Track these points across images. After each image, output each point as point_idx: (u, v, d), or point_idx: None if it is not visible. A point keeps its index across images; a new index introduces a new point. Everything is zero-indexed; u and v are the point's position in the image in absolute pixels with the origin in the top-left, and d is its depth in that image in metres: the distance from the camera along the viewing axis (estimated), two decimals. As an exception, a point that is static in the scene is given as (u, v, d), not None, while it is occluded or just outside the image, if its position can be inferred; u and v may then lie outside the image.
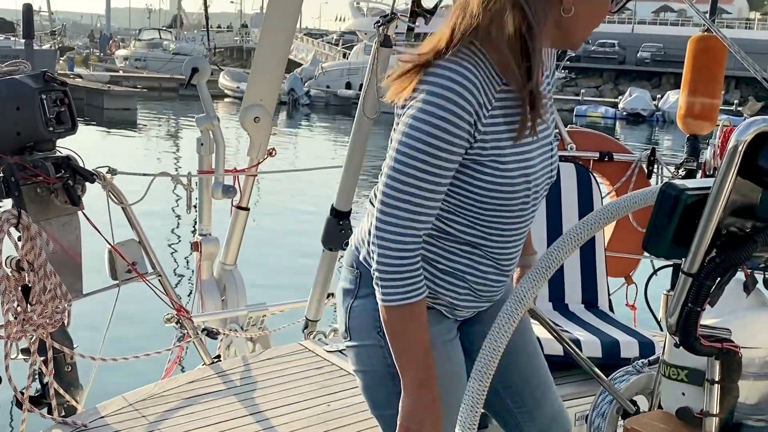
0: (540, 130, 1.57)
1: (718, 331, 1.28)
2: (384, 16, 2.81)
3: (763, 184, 1.18)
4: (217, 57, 52.24)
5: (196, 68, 3.53)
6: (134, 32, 58.14)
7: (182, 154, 19.60)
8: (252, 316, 3.54)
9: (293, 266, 7.85)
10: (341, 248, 3.10)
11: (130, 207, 2.78)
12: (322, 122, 31.88)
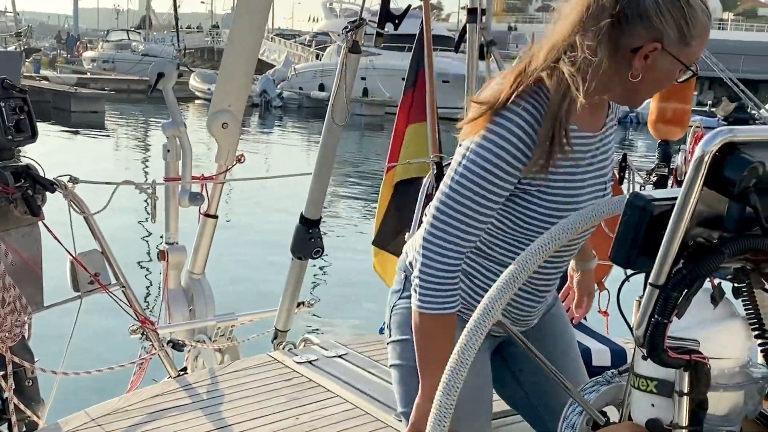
0: (594, 168, 1.74)
1: (686, 343, 1.28)
2: (352, 21, 2.81)
3: (729, 194, 1.19)
4: (187, 58, 51.91)
5: (161, 73, 3.50)
6: (102, 33, 57.66)
7: (151, 158, 19.44)
8: (220, 326, 3.51)
9: (263, 275, 7.77)
10: (311, 257, 3.09)
11: (92, 216, 2.74)
12: (295, 124, 31.82)
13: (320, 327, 5.69)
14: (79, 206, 2.71)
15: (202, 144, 20.11)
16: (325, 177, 3.02)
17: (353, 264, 7.63)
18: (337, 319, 5.94)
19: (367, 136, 29.62)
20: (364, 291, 6.82)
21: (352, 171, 18.04)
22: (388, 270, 3.74)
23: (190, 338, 3.52)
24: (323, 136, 2.99)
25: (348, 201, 14.21)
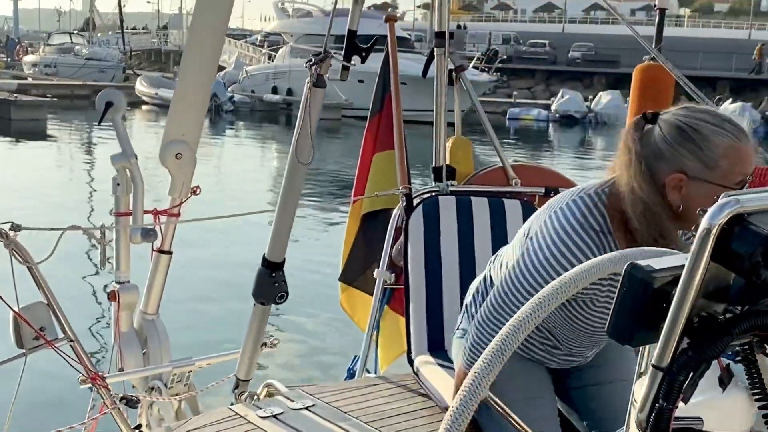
0: None
1: (690, 422, 1.23)
2: (316, 54, 2.69)
3: (738, 269, 1.12)
4: (133, 60, 51.29)
5: (110, 102, 3.35)
6: (44, 36, 56.55)
7: (96, 169, 19.09)
8: (177, 372, 3.37)
9: (221, 314, 7.51)
10: (274, 302, 2.97)
11: (36, 266, 2.59)
12: (247, 129, 31.56)
13: (282, 367, 5.52)
14: (22, 256, 2.56)
15: (151, 161, 19.72)
16: (289, 217, 2.90)
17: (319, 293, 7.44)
18: (301, 359, 5.79)
19: (325, 140, 29.48)
20: (330, 327, 6.61)
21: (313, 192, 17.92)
22: (356, 307, 3.64)
23: (144, 385, 3.37)
24: (287, 175, 2.87)
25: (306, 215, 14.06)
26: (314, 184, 17.32)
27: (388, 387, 2.98)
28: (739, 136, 1.81)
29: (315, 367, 5.55)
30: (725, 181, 1.76)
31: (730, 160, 1.78)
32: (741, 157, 1.80)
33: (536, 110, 37.29)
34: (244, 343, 3.17)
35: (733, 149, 1.79)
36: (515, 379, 2.00)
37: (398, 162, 3.36)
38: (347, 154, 25.35)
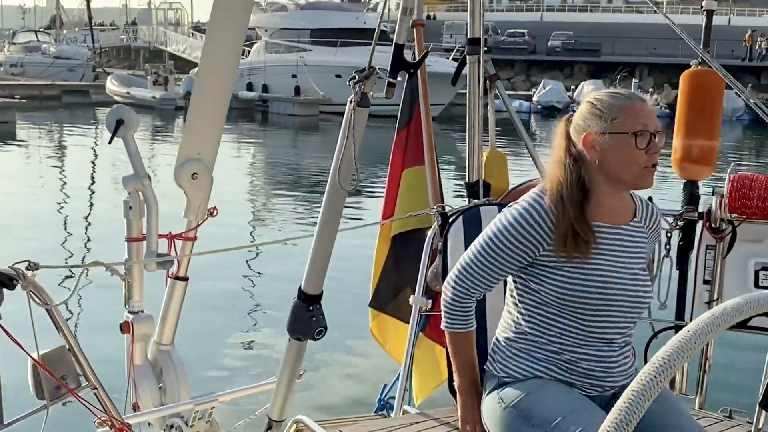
0: (616, 255, 2.31)
1: None
2: (360, 71, 2.52)
3: None
4: (102, 58, 50.69)
5: (121, 120, 3.15)
6: (8, 34, 55.68)
7: (68, 171, 18.74)
8: (198, 409, 3.19)
9: (241, 344, 7.03)
10: (312, 338, 2.80)
11: (56, 308, 2.40)
12: (224, 127, 31.16)
13: (305, 398, 5.28)
14: (41, 297, 2.37)
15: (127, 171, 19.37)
16: (328, 247, 2.72)
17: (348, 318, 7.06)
18: (325, 388, 5.54)
19: (302, 137, 29.27)
20: (354, 354, 6.43)
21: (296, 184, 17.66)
22: (387, 334, 3.47)
23: (163, 422, 3.19)
24: (326, 201, 2.69)
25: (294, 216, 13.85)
26: (296, 184, 17.13)
27: (434, 424, 2.82)
28: (632, 97, 2.29)
29: (340, 397, 5.34)
30: (624, 129, 2.22)
31: (625, 113, 2.24)
32: (635, 110, 2.24)
33: (517, 102, 37.22)
34: (278, 380, 3.00)
35: (627, 105, 2.25)
36: (550, 399, 2.24)
37: (429, 178, 3.19)
38: (325, 151, 25.17)
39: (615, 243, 2.31)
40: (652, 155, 2.24)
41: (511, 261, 2.30)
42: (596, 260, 2.26)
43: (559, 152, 2.34)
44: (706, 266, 3.13)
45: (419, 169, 3.34)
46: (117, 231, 2.97)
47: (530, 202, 2.31)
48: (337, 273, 3.58)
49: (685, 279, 3.23)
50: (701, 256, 3.15)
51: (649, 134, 2.23)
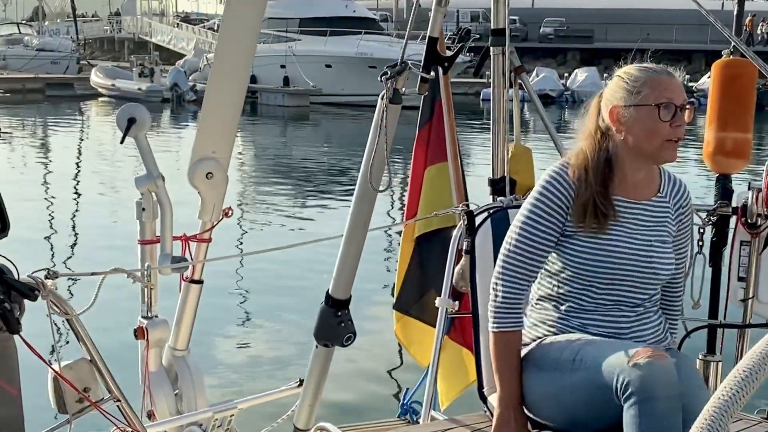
0: (632, 229, 2.38)
1: None
2: (392, 65, 2.44)
3: None
4: (86, 50, 50.34)
5: (132, 118, 3.08)
6: (-12, 26, 55.19)
7: (54, 166, 18.57)
8: (218, 417, 3.12)
9: (258, 349, 6.79)
10: (341, 344, 2.73)
11: (77, 317, 2.33)
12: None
13: (328, 403, 5.16)
14: (62, 307, 2.29)
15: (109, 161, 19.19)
16: (357, 250, 2.65)
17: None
18: (344, 391, 5.45)
19: (291, 128, 29.13)
20: (375, 356, 6.28)
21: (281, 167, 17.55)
22: (412, 337, 3.41)
23: (180, 430, 3.13)
24: (355, 201, 2.62)
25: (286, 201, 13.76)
26: (287, 178, 17.05)
27: (465, 431, 2.76)
28: (659, 71, 2.33)
29: (359, 401, 5.26)
30: (649, 101, 2.27)
31: (650, 85, 2.29)
32: (661, 83, 2.29)
33: (510, 90, 37.11)
34: (304, 388, 2.93)
35: (652, 78, 2.30)
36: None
37: (453, 176, 3.13)
38: (317, 143, 25.04)
39: (633, 217, 2.40)
40: (676, 128, 2.29)
41: (547, 236, 2.37)
42: (612, 233, 2.35)
43: (589, 126, 2.42)
44: (740, 263, 3.08)
45: (442, 165, 3.27)
46: (105, 230, 2.95)
47: (552, 174, 2.39)
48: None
49: (719, 276, 3.17)
50: (735, 253, 3.10)
51: (674, 107, 2.28)
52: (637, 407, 2.11)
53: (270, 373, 5.25)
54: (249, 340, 6.77)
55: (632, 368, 2.13)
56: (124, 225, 11.57)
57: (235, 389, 3.33)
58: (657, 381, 2.11)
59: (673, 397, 2.13)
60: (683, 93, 2.31)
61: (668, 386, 2.12)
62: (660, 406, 2.11)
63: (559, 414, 2.37)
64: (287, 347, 6.03)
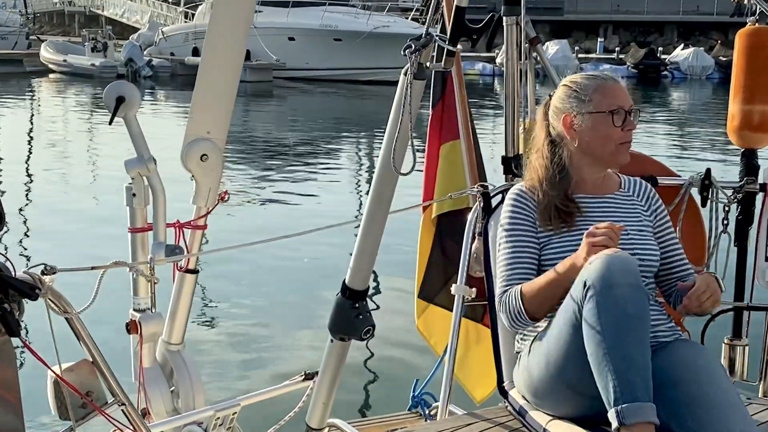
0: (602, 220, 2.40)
1: None
2: (416, 38, 2.33)
3: None
4: (35, 25, 49.41)
5: (121, 96, 2.93)
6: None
7: (1, 146, 18.15)
8: (219, 416, 3.01)
9: (258, 342, 6.43)
10: (359, 338, 2.63)
11: (77, 316, 2.20)
12: (170, 97, 30.60)
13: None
14: (61, 305, 2.16)
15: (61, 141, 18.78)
16: (376, 238, 2.55)
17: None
18: (353, 386, 5.30)
19: (254, 105, 28.81)
20: (381, 347, 6.06)
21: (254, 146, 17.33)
22: (434, 328, 3.30)
23: (178, 430, 3.02)
24: (375, 185, 2.52)
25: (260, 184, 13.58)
26: (251, 157, 16.85)
27: (487, 426, 2.67)
28: (605, 78, 2.53)
29: (366, 395, 5.16)
30: (602, 108, 2.45)
31: (601, 92, 2.47)
32: (610, 90, 2.48)
33: (480, 64, 37.12)
34: (318, 384, 2.83)
35: (601, 86, 2.49)
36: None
37: (466, 154, 3.03)
38: (282, 120, 24.80)
39: (601, 211, 2.53)
40: (627, 132, 2.48)
41: (528, 244, 2.50)
42: (585, 229, 2.38)
43: (539, 135, 2.60)
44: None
45: (456, 143, 3.18)
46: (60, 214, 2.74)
47: (512, 197, 2.57)
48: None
49: (745, 256, 3.12)
50: (763, 231, 3.05)
51: (624, 112, 2.47)
52: (595, 299, 2.13)
53: (273, 368, 5.12)
54: (248, 333, 6.49)
55: (589, 267, 2.19)
56: (80, 207, 11.38)
57: (235, 385, 3.22)
58: (613, 268, 2.14)
59: (634, 285, 2.15)
60: (629, 97, 2.51)
61: (626, 273, 2.15)
62: (619, 293, 2.13)
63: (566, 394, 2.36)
64: (289, 339, 5.89)
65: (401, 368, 5.21)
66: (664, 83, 36.47)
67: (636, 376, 2.09)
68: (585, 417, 2.34)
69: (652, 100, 30.06)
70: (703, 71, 36.22)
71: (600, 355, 2.11)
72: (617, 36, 46.48)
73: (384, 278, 7.15)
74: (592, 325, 2.13)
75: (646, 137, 17.57)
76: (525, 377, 2.49)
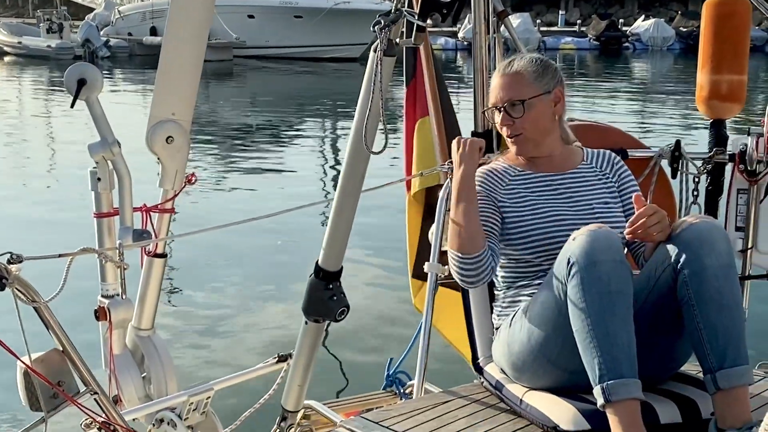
0: (567, 197, 2.53)
1: None
2: (385, 14, 2.30)
3: None
4: (-13, 6, 48.47)
5: (83, 79, 2.88)
6: None
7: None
8: (193, 401, 2.99)
9: (231, 325, 6.33)
10: (334, 319, 2.62)
11: (45, 305, 2.16)
12: (128, 78, 30.21)
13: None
14: (29, 294, 2.12)
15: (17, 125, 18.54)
16: (349, 218, 2.52)
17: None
18: (325, 366, 5.27)
19: (215, 85, 28.54)
20: (352, 326, 6.03)
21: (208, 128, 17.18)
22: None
23: (151, 416, 2.99)
24: (347, 164, 2.49)
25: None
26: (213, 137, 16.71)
27: (463, 402, 2.68)
28: (497, 71, 2.58)
29: (340, 375, 5.14)
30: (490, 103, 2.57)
31: (490, 87, 2.57)
32: (491, 87, 2.56)
33: (443, 39, 37.09)
34: (293, 367, 2.81)
35: (491, 80, 2.58)
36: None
37: (436, 131, 3.01)
38: (243, 99, 24.59)
39: (564, 186, 2.55)
40: (503, 127, 2.53)
41: (485, 213, 2.49)
42: (549, 204, 2.49)
43: None
44: (738, 212, 3.05)
45: (427, 119, 3.17)
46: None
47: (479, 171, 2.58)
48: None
49: (715, 227, 3.13)
50: (732, 202, 3.07)
51: (495, 109, 2.54)
52: (579, 275, 2.13)
53: (246, 351, 5.09)
54: (220, 316, 6.39)
55: (573, 243, 2.18)
56: (43, 193, 11.20)
57: (209, 369, 3.19)
58: (596, 245, 2.14)
59: (618, 261, 2.14)
60: (509, 90, 2.50)
61: (610, 250, 2.14)
62: (602, 269, 2.12)
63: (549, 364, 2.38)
64: (262, 322, 5.86)
65: (377, 348, 5.21)
66: (625, 55, 36.71)
67: (620, 352, 2.10)
68: (562, 388, 2.36)
69: (614, 71, 30.26)
70: (664, 42, 36.51)
71: (584, 332, 2.12)
72: (578, 8, 46.66)
73: (360, 258, 7.14)
74: (576, 303, 2.13)
75: (609, 110, 17.72)
76: (504, 351, 2.50)
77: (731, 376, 2.16)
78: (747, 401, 2.17)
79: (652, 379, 2.36)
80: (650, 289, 2.30)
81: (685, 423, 2.31)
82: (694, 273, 2.18)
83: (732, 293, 2.21)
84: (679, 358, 2.44)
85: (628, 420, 2.09)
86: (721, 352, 2.17)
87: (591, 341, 2.12)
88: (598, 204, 2.53)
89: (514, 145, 2.54)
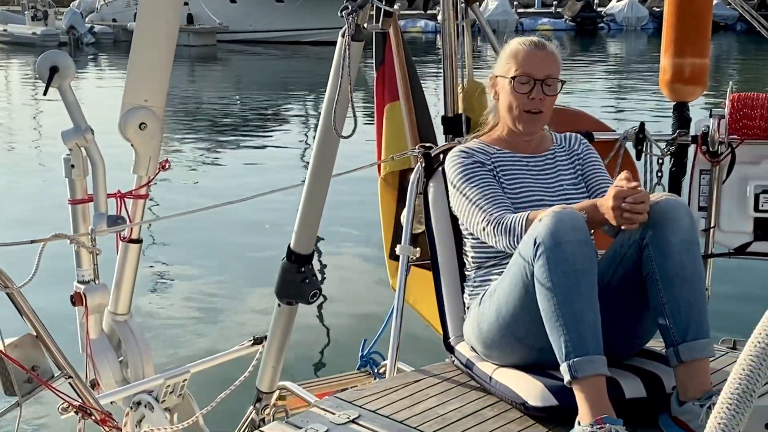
0: (540, 179, 2.55)
1: None
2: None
3: None
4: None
5: (55, 67, 2.84)
6: None
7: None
8: (170, 383, 2.98)
9: (206, 308, 6.30)
10: (306, 301, 2.61)
11: (18, 291, 2.15)
12: (113, 64, 29.92)
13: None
14: (1, 280, 2.11)
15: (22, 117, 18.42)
16: (320, 202, 2.51)
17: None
18: (299, 347, 5.25)
19: (199, 70, 28.36)
20: (326, 308, 6.05)
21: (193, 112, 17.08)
22: (411, 288, 3.28)
23: (128, 399, 2.99)
24: (317, 148, 2.47)
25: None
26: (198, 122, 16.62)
27: (435, 381, 2.68)
28: (528, 44, 2.48)
29: (314, 356, 5.14)
30: (507, 74, 2.47)
31: (514, 58, 2.46)
32: (525, 57, 2.45)
33: (422, 21, 36.94)
34: (267, 349, 2.80)
35: (519, 51, 2.47)
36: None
37: (406, 116, 3.00)
38: (227, 84, 24.45)
39: (539, 168, 2.58)
40: (532, 101, 2.45)
41: (493, 180, 2.50)
42: (527, 184, 2.51)
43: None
44: (700, 192, 3.07)
45: (396, 104, 3.15)
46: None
47: (458, 150, 2.57)
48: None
49: (679, 207, 3.14)
50: (695, 182, 3.08)
51: (533, 80, 2.45)
52: (545, 255, 2.13)
53: (222, 334, 5.09)
54: (196, 300, 6.37)
55: (539, 224, 2.17)
56: (18, 180, 11.09)
57: (185, 352, 3.19)
58: (561, 226, 2.13)
59: (583, 241, 2.13)
60: (550, 67, 2.46)
61: (575, 230, 2.13)
62: (568, 249, 2.12)
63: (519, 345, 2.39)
64: (238, 305, 5.85)
65: (351, 329, 5.21)
66: (600, 35, 36.71)
67: (586, 330, 2.10)
68: (531, 365, 2.37)
69: (589, 52, 30.25)
70: (638, 22, 36.51)
71: (551, 311, 2.12)
72: (557, -10, 46.49)
73: (337, 239, 7.13)
74: (543, 282, 2.13)
75: (584, 90, 17.72)
76: (475, 329, 2.50)
77: (693, 349, 2.17)
78: (708, 373, 2.18)
79: (618, 356, 2.37)
80: (616, 267, 2.30)
81: (650, 397, 2.32)
82: (658, 249, 2.19)
83: (695, 268, 2.21)
84: (644, 335, 2.45)
85: (594, 395, 2.10)
86: (684, 325, 2.18)
87: (557, 320, 2.13)
88: (568, 185, 2.57)
89: (528, 123, 2.50)
